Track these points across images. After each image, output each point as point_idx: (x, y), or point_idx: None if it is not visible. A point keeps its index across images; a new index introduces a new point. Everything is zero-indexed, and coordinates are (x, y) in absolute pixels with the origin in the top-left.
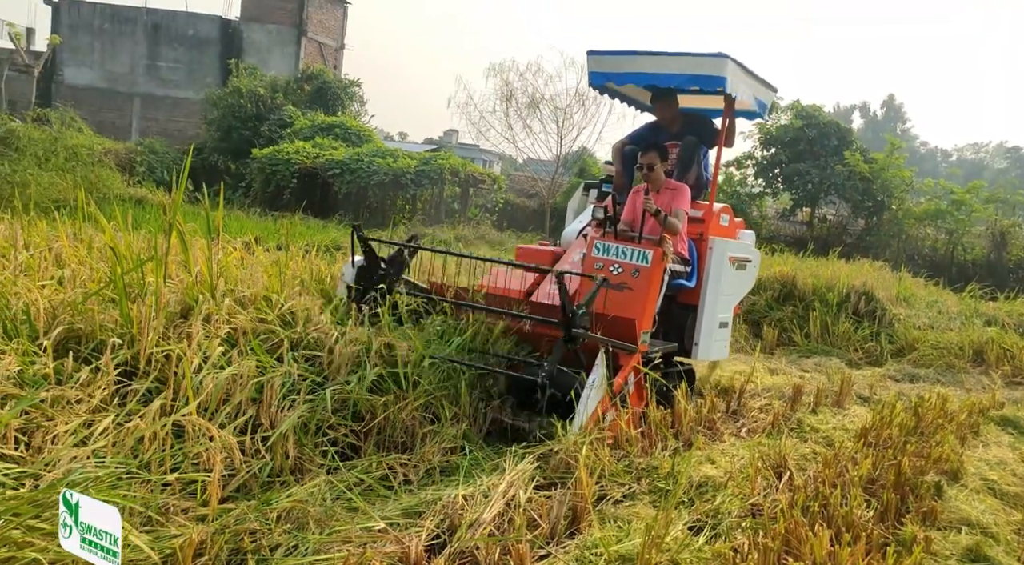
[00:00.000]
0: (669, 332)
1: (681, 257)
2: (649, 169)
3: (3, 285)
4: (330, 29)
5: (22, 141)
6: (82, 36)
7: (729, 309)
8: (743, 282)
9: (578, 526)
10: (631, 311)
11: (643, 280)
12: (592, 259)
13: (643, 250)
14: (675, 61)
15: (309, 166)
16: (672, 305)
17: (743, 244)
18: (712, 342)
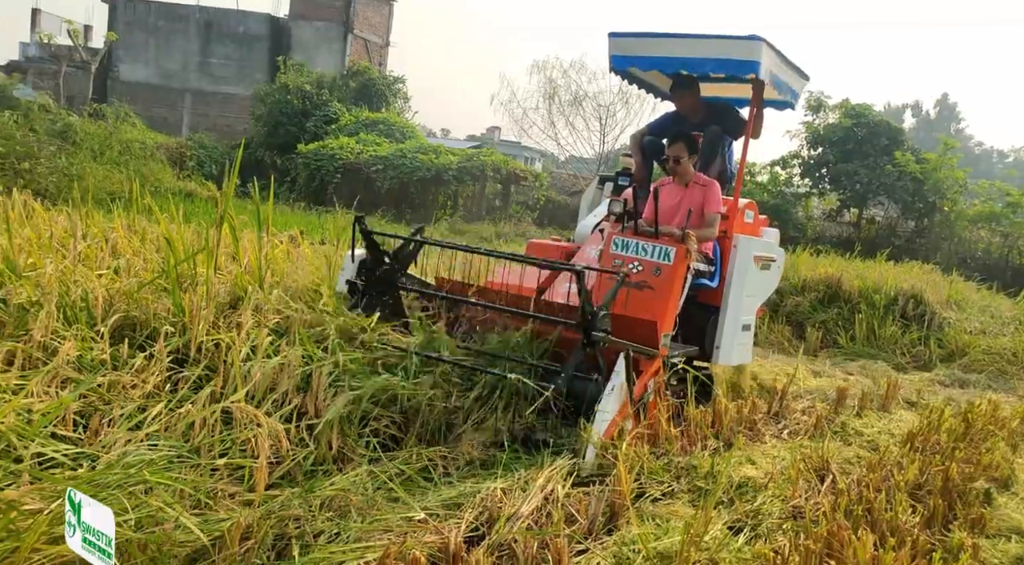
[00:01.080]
0: (688, 335)
1: (705, 256)
2: (676, 162)
3: (64, 273)
4: (376, 26)
5: (79, 135)
6: (137, 33)
7: (752, 311)
8: (767, 283)
9: (616, 523)
10: (652, 312)
11: (665, 279)
12: (610, 255)
13: (665, 247)
14: (704, 44)
15: (353, 162)
16: (691, 306)
17: (768, 242)
18: (734, 346)
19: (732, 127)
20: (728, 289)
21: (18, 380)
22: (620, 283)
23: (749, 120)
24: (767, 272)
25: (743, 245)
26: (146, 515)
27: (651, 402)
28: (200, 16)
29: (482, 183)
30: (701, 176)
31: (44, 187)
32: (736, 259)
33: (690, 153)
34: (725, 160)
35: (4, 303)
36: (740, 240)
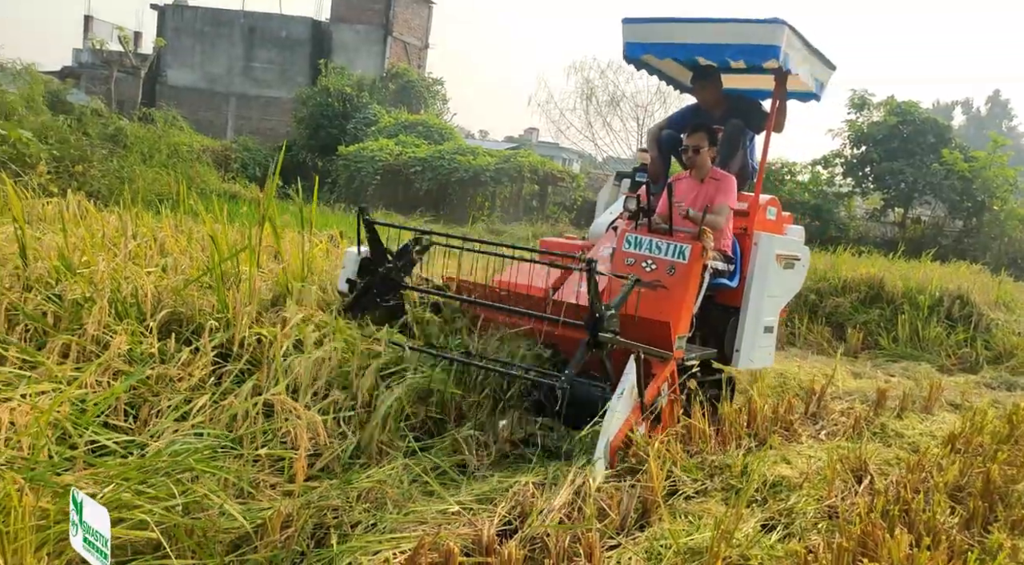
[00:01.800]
0: (707, 337)
1: (723, 254)
2: (695, 152)
3: (116, 271)
4: (415, 28)
5: (129, 139)
6: (184, 39)
7: (775, 312)
8: (791, 283)
9: (648, 519)
10: (665, 313)
11: (680, 278)
12: (622, 254)
13: (680, 244)
14: (722, 29)
15: (392, 163)
16: (711, 306)
17: (791, 240)
18: (755, 349)
19: (755, 121)
20: (749, 289)
21: (73, 371)
22: (632, 287)
23: (771, 113)
24: (791, 271)
25: (764, 243)
26: (192, 501)
27: (665, 407)
28: (244, 21)
29: (519, 184)
30: (718, 171)
31: (97, 189)
32: (757, 257)
33: (710, 144)
34: (747, 155)
35: (60, 299)
36: (761, 238)
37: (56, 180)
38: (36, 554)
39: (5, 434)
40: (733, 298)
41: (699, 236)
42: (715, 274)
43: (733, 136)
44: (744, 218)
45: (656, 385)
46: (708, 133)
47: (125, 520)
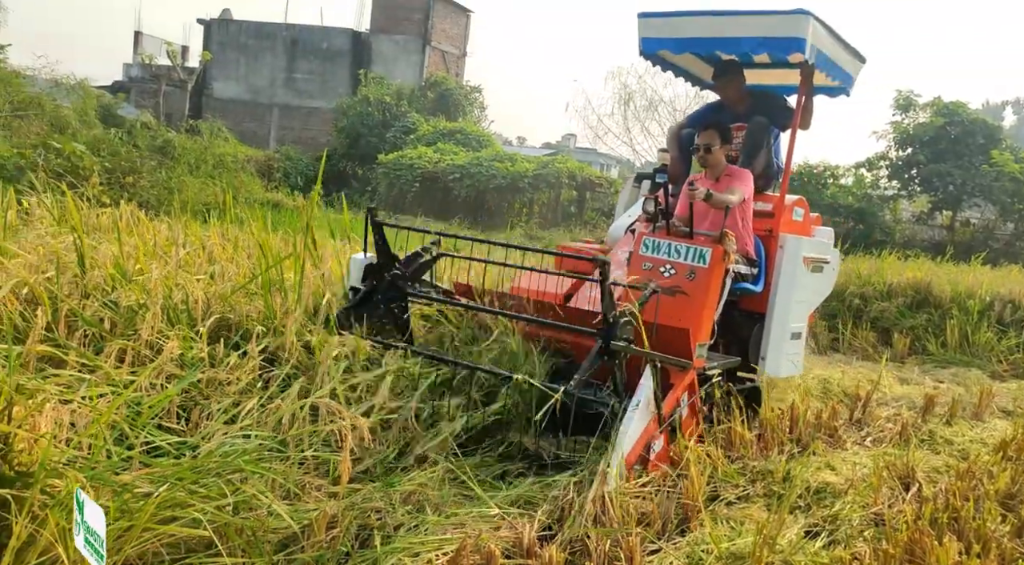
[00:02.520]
0: (731, 344)
1: (747, 256)
2: (706, 151)
3: (167, 278)
4: (453, 37)
5: (177, 150)
6: (229, 52)
7: (803, 318)
8: (819, 287)
9: (688, 524)
10: (685, 320)
11: (700, 283)
12: (640, 258)
13: (700, 248)
14: (742, 21)
15: (431, 171)
16: (735, 312)
17: (820, 242)
18: (782, 356)
19: (779, 117)
20: (774, 294)
21: (129, 375)
22: (648, 296)
23: (797, 108)
24: (819, 275)
25: (791, 245)
26: (242, 501)
27: (685, 419)
28: (287, 33)
29: (557, 190)
30: (732, 167)
31: (146, 199)
32: (783, 260)
33: (723, 142)
34: (771, 153)
35: (116, 305)
36: (787, 240)
37: (108, 191)
38: None
39: (67, 434)
40: (758, 303)
41: (720, 239)
42: (738, 278)
43: (756, 134)
44: (769, 219)
45: (675, 396)
46: (720, 131)
47: (179, 518)
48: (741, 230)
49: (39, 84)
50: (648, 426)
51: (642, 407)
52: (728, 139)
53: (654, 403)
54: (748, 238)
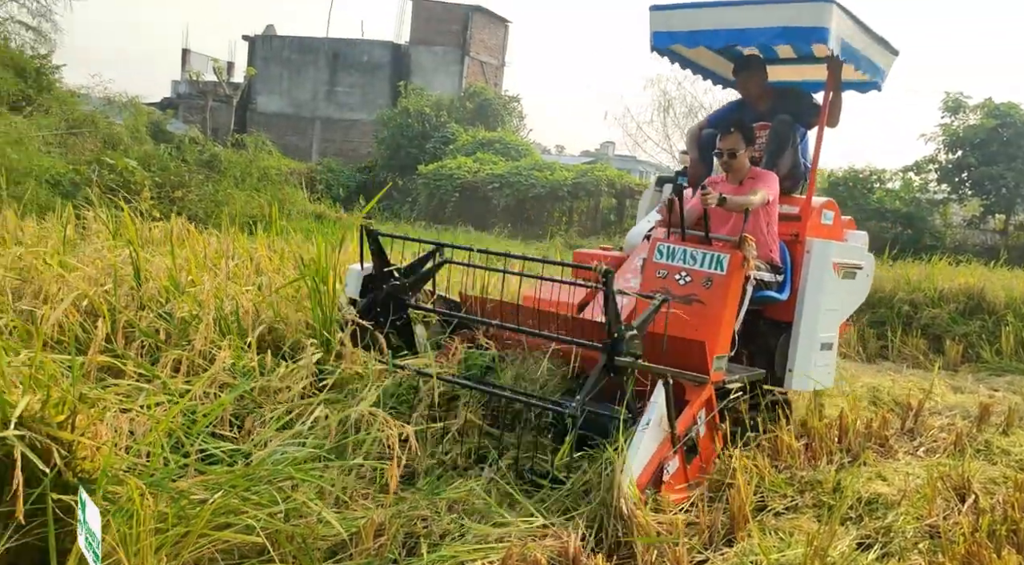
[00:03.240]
0: (756, 354)
1: (770, 262)
2: (730, 156)
3: (218, 289)
4: (492, 48)
5: (223, 164)
6: (273, 67)
7: (834, 327)
8: (852, 294)
9: (736, 535)
10: (700, 331)
11: (717, 292)
12: (654, 265)
13: (718, 254)
14: (758, 11)
15: (470, 180)
16: (759, 321)
17: (852, 247)
18: (811, 368)
19: (805, 115)
20: (801, 302)
21: (184, 384)
22: (657, 308)
23: (824, 104)
24: (851, 281)
25: (819, 250)
26: (292, 509)
27: (702, 437)
28: (329, 48)
29: (596, 198)
30: (756, 169)
31: (194, 212)
32: (810, 266)
33: (746, 145)
34: (798, 153)
35: (169, 316)
36: (815, 245)
37: (158, 205)
38: (156, 555)
39: (126, 442)
40: (784, 312)
41: (739, 245)
42: (760, 286)
43: (781, 133)
44: (796, 223)
45: (691, 413)
46: (743, 133)
47: (232, 525)
48: (764, 235)
49: (93, 102)
50: (660, 446)
51: (653, 426)
52: (751, 140)
53: (667, 421)
54: (773, 243)
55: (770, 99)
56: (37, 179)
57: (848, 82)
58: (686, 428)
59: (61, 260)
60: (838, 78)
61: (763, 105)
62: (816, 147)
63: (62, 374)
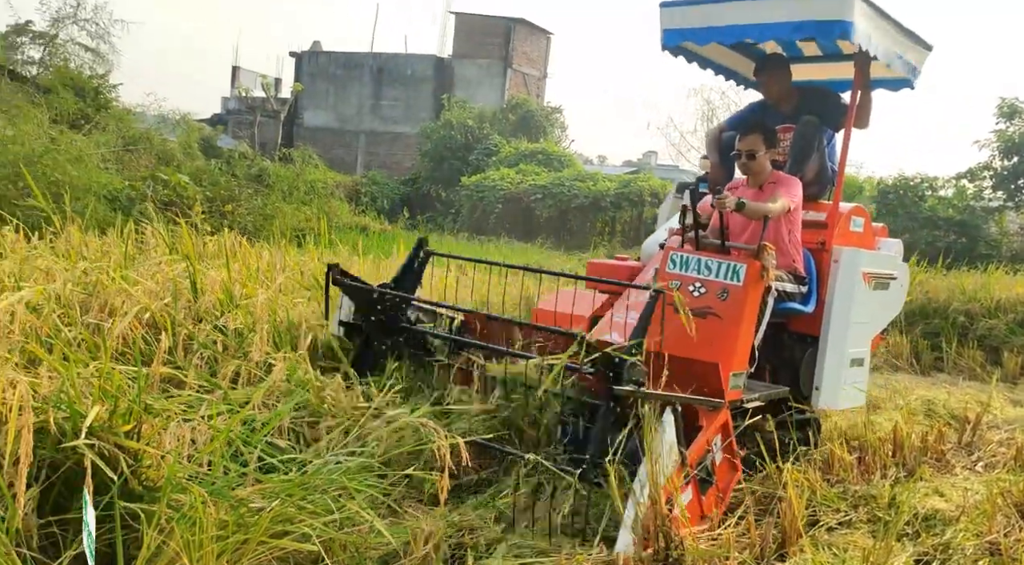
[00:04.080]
0: (779, 370)
1: (793, 272)
2: (749, 157)
3: (271, 301)
4: (534, 59)
5: (272, 178)
6: (319, 83)
7: (864, 342)
8: (885, 306)
9: (787, 549)
10: (715, 349)
11: (734, 304)
12: (667, 276)
13: (734, 263)
14: (774, 5)
15: (513, 192)
16: (783, 335)
17: (884, 256)
18: (840, 386)
19: (832, 116)
20: (828, 314)
21: (242, 395)
22: (651, 309)
23: (851, 104)
24: (884, 292)
25: (847, 259)
26: (346, 518)
27: (720, 465)
28: (373, 62)
29: (640, 208)
30: (778, 173)
31: (244, 226)
32: (838, 277)
33: (767, 146)
34: (824, 157)
35: (225, 328)
36: (843, 253)
37: (209, 219)
38: (217, 561)
39: (188, 451)
40: (810, 325)
41: (758, 253)
42: (783, 297)
43: (806, 135)
44: (822, 230)
45: (704, 439)
46: (764, 134)
47: (290, 533)
48: (786, 243)
49: (148, 120)
50: (670, 479)
51: (661, 457)
52: (773, 142)
53: (676, 451)
54: (796, 251)
55: (795, 100)
56: (96, 195)
57: (878, 80)
58: (699, 457)
59: (123, 274)
60: (866, 76)
61: (787, 106)
62: (843, 150)
63: (127, 385)
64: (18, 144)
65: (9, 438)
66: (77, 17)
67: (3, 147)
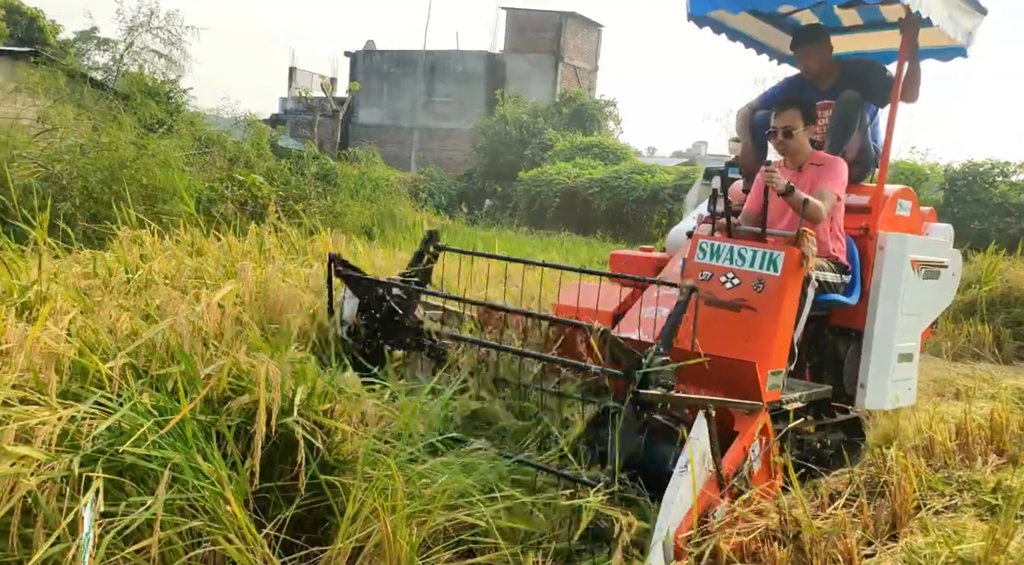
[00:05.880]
0: (821, 368)
1: (835, 261)
2: (786, 135)
3: None
4: (584, 52)
5: (339, 177)
6: (373, 81)
7: (914, 335)
8: (936, 296)
9: (898, 531)
10: (751, 347)
11: (770, 296)
12: (696, 266)
13: (771, 251)
14: None
15: (570, 185)
16: (824, 330)
17: (934, 242)
18: (887, 383)
19: (877, 91)
20: (874, 306)
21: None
22: (683, 307)
23: (898, 75)
24: (934, 282)
25: (894, 245)
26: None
27: (758, 473)
28: (426, 59)
29: None
30: (820, 154)
31: (314, 224)
32: (884, 265)
33: (806, 123)
34: (867, 136)
35: None
36: (889, 239)
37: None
38: (406, 525)
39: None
40: (853, 318)
41: (796, 240)
42: (824, 288)
43: (847, 112)
44: (865, 215)
45: (741, 445)
46: (802, 109)
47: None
48: (827, 230)
49: (223, 123)
50: (704, 490)
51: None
52: (812, 119)
53: (711, 460)
54: (837, 238)
55: (835, 74)
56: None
57: (927, 49)
58: (736, 466)
59: (284, 270)
60: (914, 44)
61: (826, 82)
62: (889, 127)
63: (318, 372)
64: (112, 150)
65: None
66: (151, 25)
67: (99, 153)
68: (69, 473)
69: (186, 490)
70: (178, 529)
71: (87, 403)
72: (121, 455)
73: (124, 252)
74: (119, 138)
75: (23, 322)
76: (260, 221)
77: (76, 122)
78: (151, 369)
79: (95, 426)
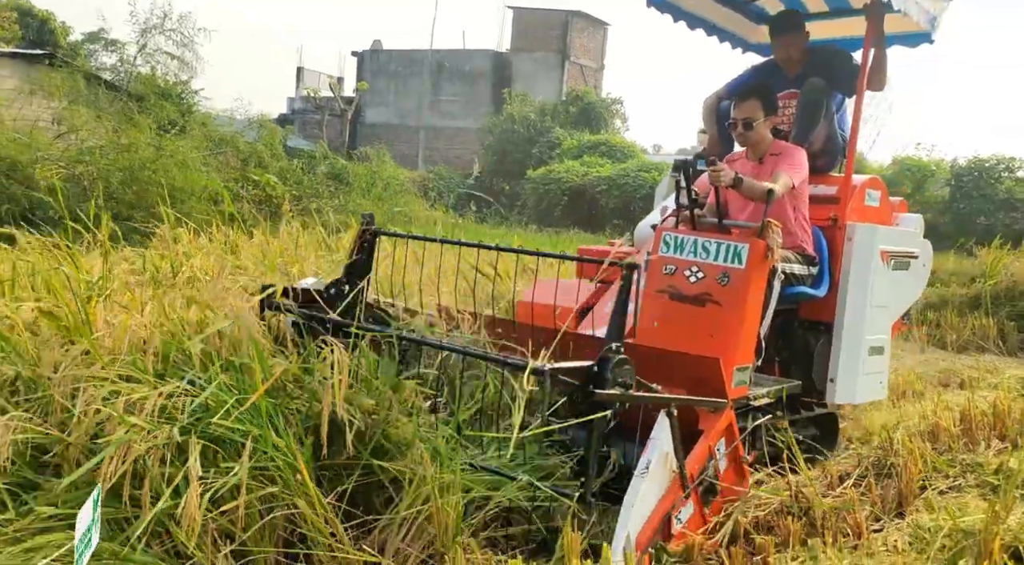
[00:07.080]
0: (790, 362)
1: (801, 252)
2: (746, 126)
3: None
4: (591, 51)
5: (350, 176)
6: (380, 80)
7: (884, 328)
8: (906, 287)
9: (904, 509)
10: (715, 342)
11: (735, 290)
12: (660, 260)
13: (735, 244)
14: None
15: (578, 184)
16: (793, 323)
17: (904, 232)
18: (858, 376)
19: (842, 79)
20: (843, 298)
21: None
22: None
23: (863, 62)
24: (904, 273)
25: (862, 236)
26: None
27: (724, 472)
28: (432, 59)
29: None
30: (780, 143)
31: (328, 222)
32: (853, 256)
33: (767, 113)
34: (833, 124)
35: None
36: (857, 230)
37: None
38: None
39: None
40: (822, 311)
41: (761, 232)
42: (790, 281)
43: (813, 100)
44: (833, 205)
45: (705, 447)
46: (762, 98)
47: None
48: (793, 220)
49: (237, 124)
50: (667, 493)
51: (654, 469)
52: (774, 108)
53: (674, 460)
54: (804, 230)
55: (800, 63)
56: (197, 196)
57: (893, 35)
58: (701, 466)
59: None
60: (880, 30)
61: (793, 70)
62: (855, 115)
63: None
64: (131, 151)
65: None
66: (164, 27)
67: (118, 154)
68: (169, 440)
69: (264, 459)
70: (256, 494)
71: (184, 381)
72: (210, 427)
73: (170, 249)
74: (138, 139)
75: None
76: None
77: (95, 124)
78: (223, 354)
79: (189, 401)
